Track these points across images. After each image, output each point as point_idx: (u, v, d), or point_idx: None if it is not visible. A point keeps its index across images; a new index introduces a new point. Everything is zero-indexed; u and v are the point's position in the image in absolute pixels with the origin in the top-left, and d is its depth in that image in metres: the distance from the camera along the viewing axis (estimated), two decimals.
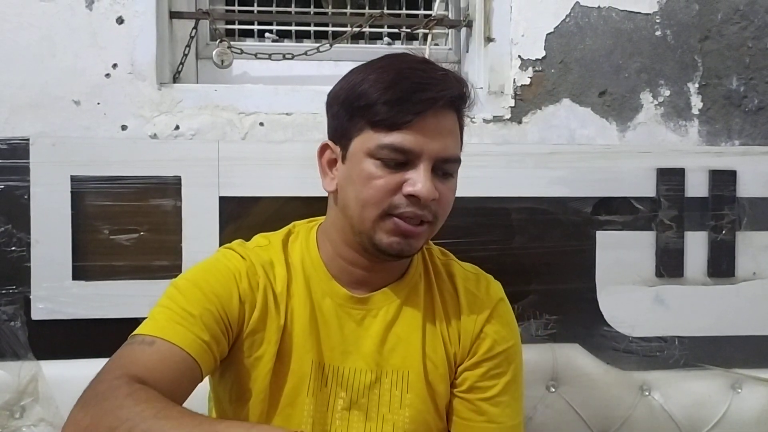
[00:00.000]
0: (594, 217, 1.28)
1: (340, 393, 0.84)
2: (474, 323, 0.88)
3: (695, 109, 1.33)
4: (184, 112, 1.21)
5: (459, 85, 0.81)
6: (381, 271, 0.86)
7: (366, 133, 0.78)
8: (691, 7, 1.32)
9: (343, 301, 0.85)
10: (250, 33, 1.42)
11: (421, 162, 0.77)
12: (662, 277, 1.30)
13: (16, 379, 1.10)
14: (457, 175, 0.85)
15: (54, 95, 1.18)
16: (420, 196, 0.77)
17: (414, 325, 0.86)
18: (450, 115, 0.80)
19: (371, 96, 0.77)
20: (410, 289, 0.88)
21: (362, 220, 0.80)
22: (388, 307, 0.86)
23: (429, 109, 0.77)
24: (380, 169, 0.78)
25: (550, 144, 1.28)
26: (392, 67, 0.80)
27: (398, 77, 0.78)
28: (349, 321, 0.85)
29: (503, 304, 0.92)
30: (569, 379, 1.23)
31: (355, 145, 0.80)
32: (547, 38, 1.29)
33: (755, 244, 1.32)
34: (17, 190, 1.15)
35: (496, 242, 1.25)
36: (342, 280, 0.86)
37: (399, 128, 0.76)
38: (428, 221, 0.80)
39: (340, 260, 0.85)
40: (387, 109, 0.76)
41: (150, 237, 1.18)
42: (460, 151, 0.84)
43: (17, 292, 1.16)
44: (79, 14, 1.18)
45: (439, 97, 0.77)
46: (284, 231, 0.92)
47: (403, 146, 0.77)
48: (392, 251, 0.80)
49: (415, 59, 0.82)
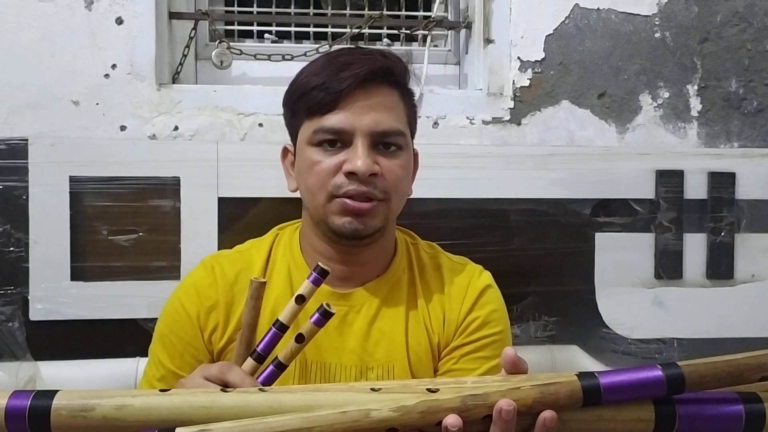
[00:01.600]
0: (593, 219, 1.28)
1: None
2: (459, 310, 0.88)
3: (694, 111, 1.33)
4: (183, 112, 1.21)
5: (385, 59, 0.83)
6: (359, 264, 0.87)
7: (305, 123, 0.82)
8: (691, 9, 1.32)
9: (324, 298, 0.85)
10: (250, 34, 1.42)
11: (355, 139, 0.79)
12: (661, 279, 1.30)
13: (14, 379, 1.10)
14: (410, 151, 0.86)
15: (53, 95, 1.18)
16: (356, 171, 0.78)
17: (397, 319, 0.86)
18: (383, 90, 0.82)
19: (304, 86, 0.81)
20: (393, 283, 0.89)
21: (315, 208, 0.82)
22: (371, 303, 0.86)
23: (356, 86, 0.79)
24: (320, 155, 0.80)
25: (549, 146, 1.28)
26: (323, 57, 0.84)
27: (326, 63, 0.81)
28: (333, 318, 0.85)
29: (490, 289, 0.91)
30: None
31: (300, 138, 0.84)
32: (547, 40, 1.29)
33: (754, 246, 1.32)
34: (16, 191, 1.15)
35: (494, 244, 1.25)
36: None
37: (329, 110, 0.79)
38: (378, 199, 0.81)
39: (318, 256, 0.86)
40: (316, 93, 0.80)
41: (149, 238, 1.18)
42: (407, 127, 0.85)
43: (15, 293, 1.16)
44: (79, 15, 1.18)
45: (362, 72, 0.79)
46: (272, 234, 0.95)
47: (334, 127, 0.79)
48: (346, 231, 0.81)
49: (347, 48, 0.87)
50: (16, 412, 0.54)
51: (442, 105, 1.27)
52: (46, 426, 0.54)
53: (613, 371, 0.57)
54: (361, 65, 0.79)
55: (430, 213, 1.22)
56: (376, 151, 0.81)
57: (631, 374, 0.56)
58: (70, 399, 0.54)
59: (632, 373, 0.56)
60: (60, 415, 0.54)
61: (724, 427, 0.57)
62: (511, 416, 0.54)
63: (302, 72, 0.85)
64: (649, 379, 0.56)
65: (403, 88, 0.86)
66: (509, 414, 0.54)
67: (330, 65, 0.81)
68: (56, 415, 0.54)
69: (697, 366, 0.56)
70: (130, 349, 1.15)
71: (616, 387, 0.56)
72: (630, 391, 0.56)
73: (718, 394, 0.58)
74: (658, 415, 0.57)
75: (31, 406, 0.54)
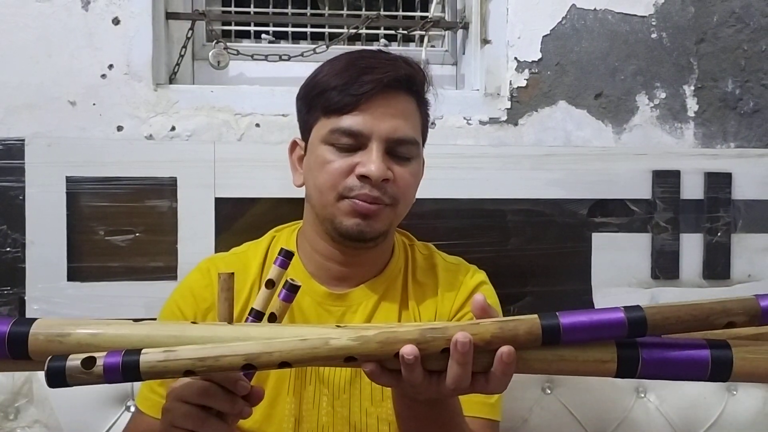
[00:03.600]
0: (589, 219, 1.28)
1: (323, 390, 0.84)
2: (451, 306, 0.89)
3: (691, 112, 1.33)
4: (180, 113, 1.21)
5: (409, 66, 0.83)
6: (357, 266, 0.87)
7: (321, 121, 0.82)
8: (687, 10, 1.32)
9: (321, 298, 0.86)
10: (247, 34, 1.42)
11: (371, 143, 0.79)
12: (658, 279, 1.30)
13: (10, 380, 1.10)
14: (420, 161, 0.86)
15: (50, 96, 1.18)
16: (370, 175, 0.78)
17: (390, 318, 0.87)
18: (403, 97, 0.82)
19: (323, 84, 0.81)
20: (389, 283, 0.89)
21: (323, 206, 0.82)
22: (367, 303, 0.87)
23: (377, 91, 0.79)
24: (333, 154, 0.80)
25: (546, 146, 1.29)
26: (344, 57, 0.84)
27: (348, 64, 0.81)
28: (329, 318, 0.86)
29: (485, 286, 0.92)
30: (565, 381, 1.23)
31: (313, 135, 0.83)
32: (544, 40, 1.29)
33: (750, 246, 1.32)
34: (12, 191, 1.15)
35: (491, 244, 1.25)
36: (320, 278, 0.87)
37: (348, 111, 0.79)
38: (385, 203, 0.81)
39: (317, 256, 0.87)
40: (336, 93, 0.80)
41: (145, 238, 1.18)
42: (420, 136, 0.85)
43: (12, 293, 1.15)
44: (75, 15, 1.18)
45: (385, 78, 0.79)
46: (268, 236, 0.95)
47: (351, 129, 0.79)
48: (353, 232, 0.81)
49: (369, 50, 0.86)
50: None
51: (439, 105, 1.25)
52: (24, 349, 0.57)
53: (575, 312, 0.56)
54: (384, 71, 0.80)
55: (427, 213, 1.22)
56: (390, 157, 0.81)
57: (592, 315, 0.55)
58: (48, 326, 0.58)
59: (593, 314, 0.55)
60: (37, 340, 0.57)
61: (688, 372, 0.56)
62: (467, 348, 0.54)
63: (322, 69, 0.84)
64: (610, 321, 0.55)
65: (421, 98, 0.87)
66: (464, 346, 0.54)
67: (352, 67, 0.81)
68: (33, 340, 0.57)
69: (660, 309, 0.54)
70: None
71: (576, 327, 0.55)
72: (590, 331, 0.55)
73: (686, 339, 0.57)
74: (621, 357, 0.56)
75: (11, 332, 0.57)
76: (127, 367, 0.54)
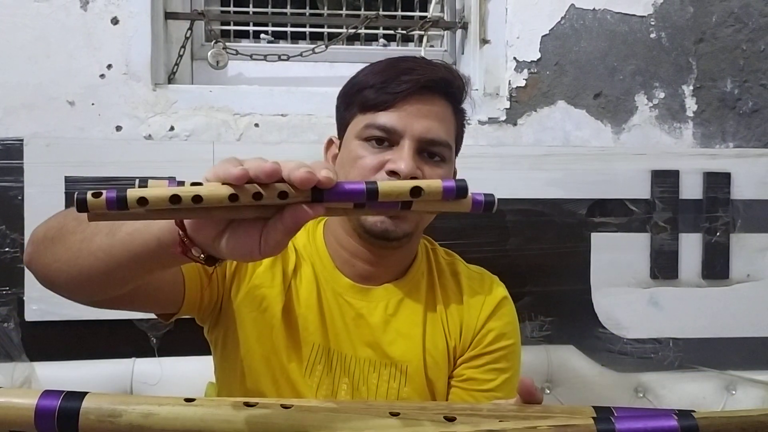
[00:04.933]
0: (589, 219, 1.28)
1: (344, 379, 0.84)
2: (477, 318, 0.89)
3: (690, 112, 1.33)
4: (179, 113, 1.21)
5: (448, 72, 0.84)
6: (383, 266, 0.87)
7: (357, 117, 0.83)
8: (686, 10, 1.32)
9: (344, 290, 0.86)
10: (246, 34, 1.42)
11: (403, 140, 0.80)
12: (657, 279, 1.30)
13: (9, 380, 1.10)
14: (452, 166, 0.86)
15: (48, 96, 1.18)
16: (399, 172, 0.78)
17: (415, 321, 0.87)
18: (439, 101, 0.83)
19: (363, 82, 0.83)
20: (412, 285, 0.89)
21: None
22: (389, 302, 0.87)
23: (414, 91, 0.80)
24: (365, 150, 0.81)
25: (545, 146, 1.29)
26: (387, 59, 0.85)
27: (388, 65, 0.83)
28: (350, 311, 0.86)
29: (507, 302, 0.92)
30: (564, 380, 1.23)
31: (349, 131, 0.84)
32: (543, 40, 1.29)
33: (749, 246, 1.32)
34: (11, 191, 1.15)
35: (490, 244, 1.25)
36: (345, 272, 0.87)
37: (384, 108, 0.80)
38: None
39: (344, 252, 0.87)
40: (374, 91, 0.81)
41: None
42: (453, 141, 0.85)
43: (11, 294, 1.15)
44: (74, 15, 1.18)
45: (422, 79, 0.80)
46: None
47: (385, 125, 0.80)
48: (377, 230, 0.80)
49: (411, 55, 0.87)
50: (46, 412, 0.54)
51: None
52: (74, 428, 0.55)
53: (629, 416, 0.57)
54: (423, 72, 0.81)
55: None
56: (421, 158, 0.81)
57: (647, 422, 0.56)
58: (99, 403, 0.56)
59: (648, 420, 0.56)
60: (88, 419, 0.55)
61: None
62: None
63: (363, 70, 0.86)
64: (663, 428, 0.56)
65: (457, 105, 0.87)
66: None
67: (392, 68, 0.82)
68: (84, 419, 0.55)
69: (712, 419, 0.56)
70: (125, 350, 1.15)
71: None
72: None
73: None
74: None
75: (61, 407, 0.55)
76: None
